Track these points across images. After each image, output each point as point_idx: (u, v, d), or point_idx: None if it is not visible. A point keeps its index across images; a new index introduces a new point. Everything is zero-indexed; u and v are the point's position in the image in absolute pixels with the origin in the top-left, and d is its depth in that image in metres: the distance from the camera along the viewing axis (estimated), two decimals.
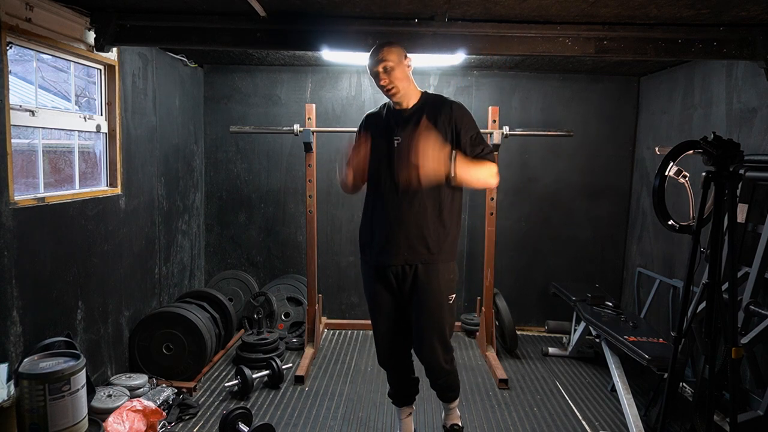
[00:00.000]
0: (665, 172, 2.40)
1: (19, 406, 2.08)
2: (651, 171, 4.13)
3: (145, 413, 2.60)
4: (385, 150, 2.31)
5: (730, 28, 2.74)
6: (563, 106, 4.46)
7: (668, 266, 3.82)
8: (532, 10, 2.60)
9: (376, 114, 2.46)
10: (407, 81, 2.31)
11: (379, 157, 2.32)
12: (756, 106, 2.99)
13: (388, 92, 2.29)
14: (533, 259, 4.61)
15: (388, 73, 2.25)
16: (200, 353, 3.31)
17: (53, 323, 2.59)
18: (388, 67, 2.24)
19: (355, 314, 4.67)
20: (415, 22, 2.83)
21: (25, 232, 2.39)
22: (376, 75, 2.28)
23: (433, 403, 3.12)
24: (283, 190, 4.58)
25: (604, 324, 3.28)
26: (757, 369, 2.59)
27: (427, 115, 2.28)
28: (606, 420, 3.02)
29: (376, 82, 2.32)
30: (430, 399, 3.09)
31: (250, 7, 2.62)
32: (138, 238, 3.44)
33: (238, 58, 4.19)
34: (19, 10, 2.36)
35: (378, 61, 2.25)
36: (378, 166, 2.33)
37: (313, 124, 3.77)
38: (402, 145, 2.27)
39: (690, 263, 2.18)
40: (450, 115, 2.28)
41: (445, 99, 2.37)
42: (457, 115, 2.29)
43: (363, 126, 2.47)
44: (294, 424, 2.90)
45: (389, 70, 2.24)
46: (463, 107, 2.35)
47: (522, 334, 4.51)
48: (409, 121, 2.31)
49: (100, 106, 3.12)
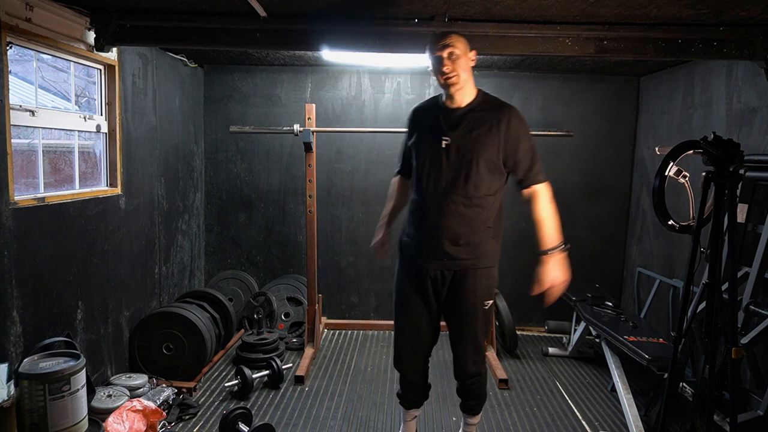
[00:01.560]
0: (665, 172, 2.40)
1: (19, 406, 2.08)
2: (651, 171, 4.12)
3: (145, 413, 2.60)
4: (432, 150, 2.19)
5: (730, 28, 2.74)
6: (563, 106, 4.46)
7: (668, 266, 3.82)
8: (532, 10, 2.60)
9: (424, 108, 2.33)
10: (468, 75, 2.18)
11: (426, 157, 2.21)
12: (756, 106, 2.99)
13: (448, 80, 2.14)
14: (533, 259, 4.57)
15: (453, 61, 2.12)
16: (200, 353, 3.31)
17: (53, 323, 2.59)
18: (455, 54, 2.12)
19: (355, 314, 4.66)
20: (415, 22, 2.83)
21: (25, 232, 2.39)
22: (438, 60, 2.14)
23: (433, 403, 3.12)
24: (283, 190, 4.58)
25: (604, 324, 3.28)
26: (757, 369, 2.59)
27: (480, 119, 2.16)
28: (606, 420, 3.02)
29: (435, 69, 2.17)
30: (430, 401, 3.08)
31: (250, 7, 2.62)
32: (138, 238, 3.44)
33: (238, 58, 4.19)
34: (19, 10, 2.35)
35: (445, 45, 2.12)
36: (423, 166, 2.21)
37: (313, 124, 3.77)
38: (450, 148, 2.15)
39: (690, 263, 2.18)
40: (508, 128, 2.15)
41: (503, 105, 2.22)
42: (515, 130, 2.16)
43: (411, 121, 2.36)
44: (294, 424, 2.90)
45: (455, 57, 2.12)
46: (521, 118, 2.20)
47: (522, 334, 4.51)
48: (460, 121, 2.18)
49: (100, 106, 3.12)
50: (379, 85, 4.46)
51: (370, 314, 4.66)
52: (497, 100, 2.26)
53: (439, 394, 3.23)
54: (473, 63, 2.21)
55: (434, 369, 2.53)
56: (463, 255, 2.19)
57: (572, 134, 3.81)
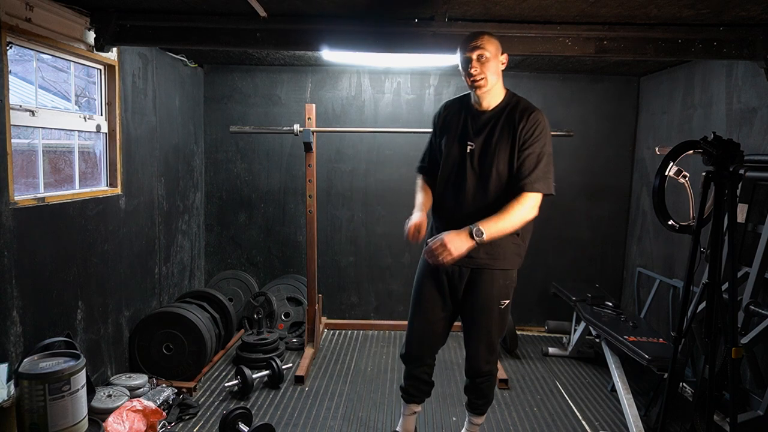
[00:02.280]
0: (665, 172, 2.40)
1: (19, 406, 2.08)
2: (651, 171, 4.12)
3: (145, 413, 2.60)
4: (456, 154, 2.22)
5: (730, 28, 2.74)
6: (563, 106, 4.46)
7: (668, 266, 3.82)
8: (532, 10, 2.60)
9: (454, 107, 2.32)
10: (497, 78, 2.15)
11: (453, 160, 2.23)
12: (756, 106, 2.99)
13: (475, 83, 2.12)
14: (533, 259, 4.59)
15: (482, 63, 2.09)
16: (200, 353, 3.31)
17: (53, 323, 2.59)
18: (484, 57, 2.09)
19: (355, 314, 4.66)
20: (415, 22, 2.83)
21: (25, 232, 2.39)
22: (467, 61, 2.11)
23: (433, 402, 3.12)
24: (283, 190, 4.58)
25: (604, 324, 3.28)
26: (757, 369, 2.59)
27: (501, 125, 2.16)
28: (606, 420, 3.02)
29: (464, 70, 2.15)
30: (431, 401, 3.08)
31: (250, 7, 2.62)
32: (138, 238, 3.44)
33: (238, 58, 4.19)
34: (19, 10, 2.35)
35: (474, 47, 2.10)
36: (450, 168, 2.24)
37: (313, 124, 3.77)
38: (474, 153, 2.18)
39: (690, 263, 2.18)
40: (521, 133, 2.12)
41: (525, 109, 2.16)
42: (526, 134, 2.12)
43: (440, 119, 2.35)
44: (294, 424, 2.90)
45: (484, 60, 2.09)
46: (538, 123, 2.13)
47: (522, 334, 4.51)
48: (486, 126, 2.19)
49: (100, 106, 3.12)
50: (379, 85, 4.46)
51: (370, 314, 4.66)
52: (523, 103, 2.21)
53: (439, 394, 3.23)
54: (504, 66, 2.19)
55: (436, 368, 2.53)
56: (480, 255, 2.19)
57: (572, 134, 3.81)
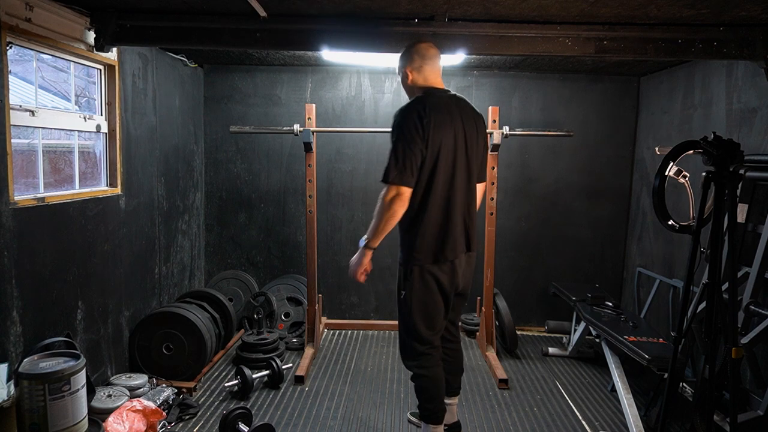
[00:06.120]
0: (665, 172, 2.40)
1: (19, 406, 2.08)
2: (651, 171, 4.13)
3: (145, 413, 2.60)
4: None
5: (730, 28, 2.74)
6: (563, 106, 4.46)
7: (668, 266, 3.82)
8: (532, 10, 2.60)
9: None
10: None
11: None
12: (756, 106, 2.99)
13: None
14: (533, 259, 4.61)
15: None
16: (200, 353, 3.31)
17: (53, 323, 2.59)
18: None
19: (355, 314, 4.67)
20: (415, 22, 2.83)
21: (25, 232, 2.39)
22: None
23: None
24: (283, 190, 4.58)
25: (604, 324, 3.28)
26: (757, 369, 2.59)
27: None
28: (606, 420, 3.02)
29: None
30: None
31: (250, 7, 2.62)
32: (138, 238, 3.44)
33: (238, 58, 4.19)
34: (19, 10, 2.35)
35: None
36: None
37: (313, 124, 3.77)
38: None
39: (690, 263, 2.18)
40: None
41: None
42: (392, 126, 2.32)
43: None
44: (294, 424, 2.90)
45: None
46: (397, 113, 2.31)
47: (522, 334, 4.51)
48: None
49: (100, 106, 3.12)
50: (379, 85, 4.46)
51: (370, 314, 4.67)
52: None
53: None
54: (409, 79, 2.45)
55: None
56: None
57: (572, 134, 3.81)
